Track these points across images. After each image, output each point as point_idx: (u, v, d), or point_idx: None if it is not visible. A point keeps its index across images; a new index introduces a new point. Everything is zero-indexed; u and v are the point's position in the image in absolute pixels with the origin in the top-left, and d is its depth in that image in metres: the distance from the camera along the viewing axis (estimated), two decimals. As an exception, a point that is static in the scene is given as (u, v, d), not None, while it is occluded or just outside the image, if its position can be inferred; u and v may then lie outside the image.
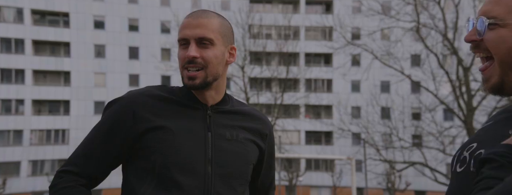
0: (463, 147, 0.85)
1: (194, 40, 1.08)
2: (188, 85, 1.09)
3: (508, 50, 0.76)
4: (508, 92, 0.80)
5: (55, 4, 27.41)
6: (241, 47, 19.11)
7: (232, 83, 20.45)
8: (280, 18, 22.41)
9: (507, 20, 0.76)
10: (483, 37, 0.78)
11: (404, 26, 14.74)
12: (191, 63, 1.08)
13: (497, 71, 0.78)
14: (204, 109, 1.12)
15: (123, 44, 27.90)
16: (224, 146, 1.09)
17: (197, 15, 1.10)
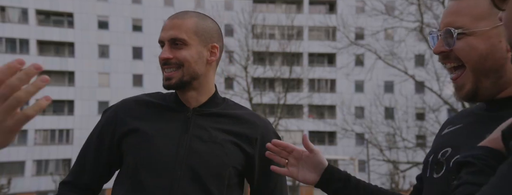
0: (435, 151, 0.86)
1: (167, 41, 1.09)
2: (165, 86, 1.10)
3: (479, 57, 0.79)
4: (481, 98, 0.82)
5: (59, 5, 27.54)
6: (244, 47, 19.11)
7: (235, 83, 20.46)
8: (283, 18, 22.40)
9: (473, 29, 0.79)
10: (453, 48, 0.81)
11: (407, 26, 14.69)
12: (166, 64, 1.09)
13: (470, 79, 0.81)
14: (185, 111, 1.12)
15: (126, 44, 27.99)
16: (199, 147, 1.09)
17: (173, 17, 1.12)
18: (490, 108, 0.84)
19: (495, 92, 0.82)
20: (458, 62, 0.82)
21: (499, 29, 0.80)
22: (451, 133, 0.87)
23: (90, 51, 27.70)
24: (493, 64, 0.80)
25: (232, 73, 19.73)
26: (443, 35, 0.82)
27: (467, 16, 0.80)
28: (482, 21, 0.80)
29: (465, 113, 0.90)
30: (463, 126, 0.86)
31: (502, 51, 0.79)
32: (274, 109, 20.33)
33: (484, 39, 0.80)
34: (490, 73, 0.80)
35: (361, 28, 26.84)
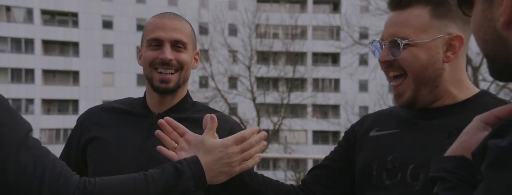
0: (379, 156, 0.87)
1: (169, 42, 1.06)
2: (160, 89, 1.07)
3: (421, 67, 0.84)
4: (419, 106, 0.87)
5: (64, 4, 27.68)
6: (247, 47, 19.12)
7: (239, 83, 20.47)
8: (287, 17, 22.38)
9: (416, 40, 0.84)
10: (398, 57, 0.85)
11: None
12: (166, 65, 1.06)
13: (410, 87, 0.85)
14: (149, 116, 1.10)
15: (131, 44, 28.08)
16: (161, 155, 1.02)
17: (171, 18, 1.09)
18: (425, 115, 0.87)
19: (430, 101, 0.87)
20: (400, 71, 0.86)
21: (437, 41, 0.84)
22: (389, 138, 0.89)
23: (94, 51, 27.82)
24: (432, 74, 0.84)
25: (236, 73, 19.74)
26: (388, 45, 0.86)
27: (410, 27, 0.84)
28: (424, 33, 0.84)
29: (393, 116, 0.93)
30: (402, 132, 0.88)
31: (439, 62, 0.85)
32: (278, 109, 20.32)
33: (425, 50, 0.84)
34: (429, 82, 0.85)
35: (365, 27, 26.75)
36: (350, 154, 0.96)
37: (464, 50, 0.87)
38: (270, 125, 18.68)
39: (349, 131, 1.00)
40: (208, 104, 21.42)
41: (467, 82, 0.89)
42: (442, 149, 0.82)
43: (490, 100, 0.87)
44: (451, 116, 0.86)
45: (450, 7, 0.84)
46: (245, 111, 20.52)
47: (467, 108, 0.86)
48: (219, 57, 20.25)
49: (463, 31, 0.86)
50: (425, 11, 0.84)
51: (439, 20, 0.84)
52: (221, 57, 20.56)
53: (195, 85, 22.55)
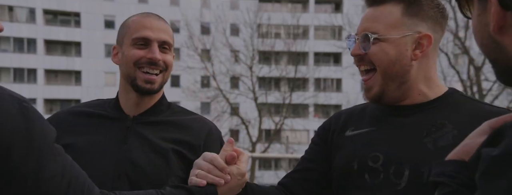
0: (359, 156, 0.88)
1: (157, 42, 1.04)
2: (144, 89, 1.04)
3: (389, 62, 0.86)
4: (386, 100, 0.90)
5: (66, 4, 27.74)
6: (249, 46, 19.10)
7: (241, 83, 20.46)
8: (288, 17, 22.36)
9: (386, 35, 0.86)
10: (368, 51, 0.87)
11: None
12: (153, 65, 1.04)
13: (379, 82, 0.88)
14: (124, 120, 1.06)
15: (133, 44, 28.13)
16: (140, 159, 1.02)
17: (156, 18, 1.08)
18: (397, 113, 0.89)
19: (399, 97, 0.89)
20: (371, 66, 0.88)
21: (407, 38, 0.86)
22: (366, 137, 0.90)
23: (96, 50, 27.87)
24: (399, 69, 0.87)
25: (237, 72, 19.73)
26: (360, 39, 0.88)
27: (382, 23, 0.87)
28: (394, 30, 0.86)
29: (366, 114, 0.94)
30: (378, 131, 0.89)
31: (407, 59, 0.87)
32: (280, 108, 20.31)
33: (395, 46, 0.86)
34: (396, 77, 0.87)
35: (367, 27, 26.65)
36: (327, 153, 0.96)
37: (434, 49, 0.89)
38: (272, 124, 18.67)
39: (322, 129, 1.00)
40: (210, 104, 21.58)
41: (437, 81, 0.91)
42: (422, 147, 0.85)
43: (459, 98, 0.90)
44: (423, 114, 0.87)
45: (422, 7, 0.87)
46: (246, 111, 20.51)
47: (438, 105, 0.88)
48: (221, 57, 20.24)
49: (433, 31, 0.88)
50: (397, 8, 0.87)
51: (410, 18, 0.87)
52: (223, 57, 20.55)
53: (197, 85, 22.56)
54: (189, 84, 22.29)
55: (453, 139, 0.84)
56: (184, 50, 23.45)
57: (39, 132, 0.64)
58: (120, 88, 1.11)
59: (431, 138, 0.84)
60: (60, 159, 0.66)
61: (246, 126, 17.98)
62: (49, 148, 0.65)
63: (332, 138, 0.96)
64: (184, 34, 22.32)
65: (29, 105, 0.64)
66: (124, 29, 1.08)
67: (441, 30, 0.90)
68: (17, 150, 0.61)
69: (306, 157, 0.99)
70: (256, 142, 17.48)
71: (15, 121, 0.61)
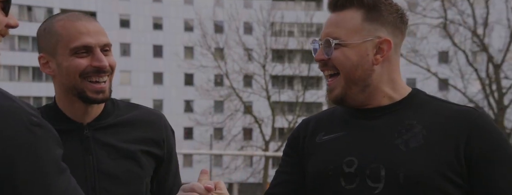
0: (334, 161, 0.88)
1: (99, 47, 0.97)
2: (97, 100, 0.96)
3: (351, 67, 0.88)
4: (349, 102, 0.91)
5: (82, 4, 28.19)
6: (262, 45, 19.08)
7: (254, 81, 20.46)
8: (302, 15, 22.23)
9: (347, 41, 0.88)
10: (330, 56, 0.89)
11: (431, 22, 14.33)
12: (102, 72, 0.97)
13: (341, 84, 0.89)
14: (79, 129, 0.98)
15: (147, 42, 28.41)
16: (110, 168, 0.97)
17: (87, 19, 0.98)
18: (366, 115, 0.91)
19: (363, 100, 0.90)
20: (334, 70, 0.90)
21: (367, 43, 0.88)
22: (338, 141, 0.91)
23: (112, 49, 28.23)
24: (361, 74, 0.89)
25: (251, 71, 19.73)
26: (323, 44, 0.90)
27: (343, 28, 0.89)
28: (355, 35, 0.88)
29: (335, 119, 0.95)
30: (349, 135, 0.90)
31: (369, 64, 0.89)
32: (293, 107, 20.24)
33: (356, 51, 0.88)
34: (359, 81, 0.89)
35: (382, 25, 26.25)
36: (301, 162, 0.95)
37: (395, 53, 0.91)
38: (285, 123, 18.63)
39: (292, 138, 0.98)
40: (223, 102, 21.62)
41: (401, 82, 0.93)
42: (394, 148, 0.87)
43: (424, 98, 0.92)
44: (392, 115, 0.89)
45: (382, 13, 0.89)
46: (260, 110, 20.51)
47: (404, 106, 0.90)
48: (234, 55, 20.27)
49: (393, 36, 0.90)
50: (358, 14, 0.89)
51: (370, 23, 0.89)
52: (236, 55, 20.57)
53: (210, 83, 22.65)
54: (202, 83, 22.39)
55: (423, 139, 0.85)
56: (197, 49, 23.57)
57: (45, 150, 0.60)
58: (59, 99, 1.01)
59: (402, 139, 0.86)
60: (65, 180, 0.62)
61: (259, 125, 17.98)
62: (54, 167, 0.61)
63: (303, 145, 0.95)
64: (197, 33, 22.44)
65: (39, 120, 0.61)
66: (52, 36, 0.97)
67: (400, 34, 0.92)
68: (21, 168, 0.58)
69: (281, 170, 0.97)
70: (269, 141, 17.46)
71: (21, 137, 0.58)
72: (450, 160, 0.82)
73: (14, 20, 0.65)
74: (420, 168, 0.82)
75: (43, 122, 0.62)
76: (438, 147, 0.83)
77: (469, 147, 0.82)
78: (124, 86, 28.12)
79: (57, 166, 0.62)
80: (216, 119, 20.04)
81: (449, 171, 0.82)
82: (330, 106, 0.99)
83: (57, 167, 0.62)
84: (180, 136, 27.51)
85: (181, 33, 28.42)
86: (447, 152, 0.83)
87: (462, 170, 0.82)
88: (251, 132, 24.15)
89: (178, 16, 28.51)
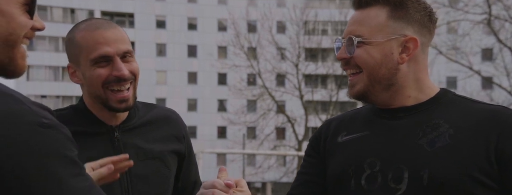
0: (354, 162, 0.86)
1: (118, 56, 0.97)
2: (120, 109, 0.98)
3: (375, 65, 0.86)
4: (371, 99, 0.89)
5: (121, 6, 29.24)
6: (295, 44, 18.94)
7: (286, 80, 20.37)
8: (336, 13, 21.87)
9: (371, 39, 0.86)
10: (353, 55, 0.86)
11: (473, 18, 13.67)
12: (122, 81, 0.97)
13: (364, 81, 0.87)
14: (109, 132, 1.00)
15: (182, 42, 29.03)
16: (140, 169, 0.99)
17: (105, 27, 0.98)
18: (390, 116, 0.88)
19: (386, 98, 0.88)
20: (357, 69, 0.88)
21: (392, 42, 0.86)
22: (360, 141, 0.88)
23: (148, 50, 29.11)
24: (386, 72, 0.86)
25: (283, 70, 19.66)
26: (346, 42, 0.88)
27: (367, 26, 0.86)
28: (379, 33, 0.86)
29: (358, 119, 0.92)
30: (372, 134, 0.88)
31: (393, 63, 0.86)
32: (326, 106, 19.96)
33: (379, 49, 0.86)
34: (382, 80, 0.86)
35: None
36: (322, 163, 0.93)
37: (422, 52, 0.88)
38: (319, 122, 18.41)
39: (313, 139, 0.97)
40: (256, 101, 21.69)
41: (428, 82, 0.90)
42: (418, 148, 0.83)
43: (452, 97, 0.88)
44: (417, 115, 0.86)
45: (408, 10, 0.86)
46: (292, 109, 20.40)
47: (431, 106, 0.87)
48: (266, 55, 20.26)
49: (420, 35, 0.87)
50: (383, 11, 0.86)
51: (396, 21, 0.86)
52: (269, 55, 20.55)
53: (243, 83, 22.79)
54: (235, 82, 22.58)
55: (450, 138, 0.81)
56: (230, 49, 23.78)
57: (56, 151, 0.59)
58: (88, 104, 1.02)
59: (427, 139, 0.83)
60: (80, 180, 0.61)
61: (292, 124, 17.88)
62: (66, 167, 0.60)
63: (325, 146, 0.93)
64: (231, 33, 22.63)
65: (50, 121, 0.60)
66: (75, 48, 0.99)
67: (428, 33, 0.89)
68: (32, 170, 0.57)
69: (302, 171, 0.96)
70: (302, 140, 17.33)
71: (30, 140, 0.57)
72: (479, 161, 0.78)
73: (40, 23, 0.66)
74: (446, 168, 0.79)
75: (55, 123, 0.60)
76: (466, 147, 0.79)
77: (500, 147, 0.78)
78: (160, 86, 28.91)
79: (71, 166, 0.60)
80: (249, 118, 20.14)
81: (478, 172, 0.78)
82: (368, 104, 0.95)
83: (71, 167, 0.60)
84: (214, 135, 27.90)
85: (214, 33, 28.81)
86: (476, 153, 0.79)
87: (492, 171, 0.78)
88: (284, 131, 24.07)
89: (212, 16, 28.91)
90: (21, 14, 0.63)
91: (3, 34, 0.62)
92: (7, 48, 0.63)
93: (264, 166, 19.16)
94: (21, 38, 0.64)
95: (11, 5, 0.62)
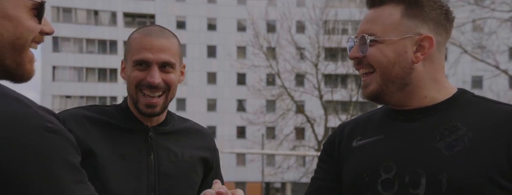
0: (370, 167, 0.83)
1: (157, 64, 1.01)
2: (146, 113, 1.02)
3: (388, 64, 0.84)
4: (385, 101, 0.87)
5: (142, 7, 29.75)
6: (314, 44, 18.82)
7: (305, 80, 20.25)
8: (356, 13, 21.59)
9: (384, 37, 0.84)
10: (365, 54, 0.85)
11: (500, 16, 13.23)
12: (153, 88, 1.01)
13: (377, 81, 0.85)
14: (145, 131, 1.04)
15: (202, 43, 29.29)
16: (169, 169, 1.03)
17: (158, 35, 1.04)
18: (405, 118, 0.85)
19: (401, 99, 0.85)
20: (370, 69, 0.86)
21: (406, 40, 0.83)
22: (375, 146, 0.86)
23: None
24: (399, 71, 0.84)
25: (302, 70, 19.55)
26: (358, 41, 0.86)
27: (380, 25, 0.85)
28: (393, 31, 0.84)
29: (372, 122, 0.90)
30: (387, 138, 0.85)
31: (407, 61, 0.84)
32: (347, 106, 19.74)
33: (393, 48, 0.84)
34: (396, 80, 0.84)
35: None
36: (337, 168, 0.91)
37: (438, 52, 0.86)
38: (338, 123, 18.20)
39: (327, 144, 0.95)
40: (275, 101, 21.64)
41: (445, 83, 0.87)
42: (436, 152, 0.80)
43: (470, 98, 0.85)
44: (434, 117, 0.83)
45: (423, 8, 0.84)
46: (312, 109, 20.27)
47: (448, 107, 0.84)
48: (285, 55, 20.20)
49: (436, 33, 0.85)
50: (397, 9, 0.85)
51: (410, 19, 0.84)
52: (288, 54, 20.48)
53: (262, 83, 22.80)
54: (254, 82, 22.61)
55: (469, 141, 0.79)
56: (249, 49, 23.82)
57: (59, 156, 0.58)
58: (129, 102, 1.07)
59: (445, 142, 0.81)
60: (81, 188, 0.60)
61: (311, 124, 17.77)
62: (68, 173, 0.59)
63: (339, 151, 0.91)
64: (250, 33, 22.67)
65: (55, 126, 0.59)
66: (128, 47, 1.07)
67: (445, 32, 0.86)
68: (34, 173, 0.56)
69: (316, 176, 0.94)
70: (322, 141, 17.19)
71: (34, 143, 0.57)
72: (500, 164, 0.76)
73: (49, 27, 0.66)
74: (465, 172, 0.77)
75: (59, 128, 0.60)
76: (486, 150, 0.77)
77: None
78: (180, 86, 28.15)
79: (74, 173, 0.60)
80: (268, 118, 20.13)
81: (499, 176, 0.76)
82: (383, 106, 0.93)
83: (73, 173, 0.60)
84: (233, 135, 28.02)
85: (234, 33, 28.94)
86: (496, 155, 0.76)
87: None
88: (303, 131, 23.93)
89: (232, 16, 29.05)
90: (29, 19, 0.63)
91: (11, 38, 0.62)
92: (15, 53, 0.62)
93: (283, 166, 19.12)
94: (29, 42, 0.63)
95: (18, 10, 0.62)
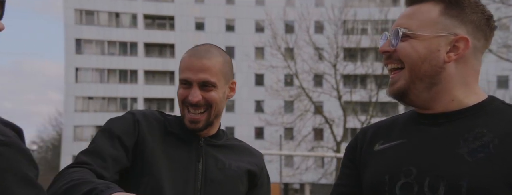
0: (391, 171, 0.82)
1: (197, 84, 1.07)
2: (190, 128, 1.09)
3: (417, 60, 0.82)
4: (411, 98, 0.84)
5: (162, 9, 30.18)
6: (333, 44, 18.66)
7: (324, 81, 20.11)
8: (376, 12, 21.29)
9: (418, 32, 0.82)
10: (396, 48, 0.83)
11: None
12: (194, 106, 1.07)
13: (405, 77, 0.83)
14: (196, 140, 1.12)
15: (220, 44, 29.11)
16: (215, 176, 1.09)
17: (200, 55, 1.09)
18: (430, 122, 0.83)
19: (427, 99, 0.83)
20: (398, 64, 0.84)
21: (441, 39, 0.81)
22: (397, 150, 0.84)
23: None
24: (428, 69, 0.81)
25: (321, 70, 19.41)
26: (391, 35, 0.85)
27: (416, 20, 0.83)
28: (428, 28, 0.82)
29: (395, 126, 0.88)
30: (409, 142, 0.84)
31: (439, 60, 0.81)
32: (366, 107, 19.48)
33: (426, 44, 0.82)
34: (424, 77, 0.82)
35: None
36: (359, 174, 0.90)
37: (473, 56, 0.83)
38: (358, 123, 18.01)
39: (349, 149, 0.94)
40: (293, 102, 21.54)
41: (476, 89, 0.84)
42: (458, 157, 0.79)
43: (500, 105, 0.83)
44: (459, 122, 0.81)
45: (464, 10, 0.82)
46: (330, 110, 20.09)
47: (475, 113, 0.81)
48: (304, 55, 20.11)
49: (473, 37, 0.82)
50: (436, 7, 0.83)
51: (448, 18, 0.82)
52: (306, 55, 20.38)
53: (280, 84, 22.76)
54: (272, 83, 22.59)
55: (494, 149, 0.76)
56: (267, 50, 23.81)
57: (11, 168, 0.57)
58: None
59: (468, 148, 0.79)
60: None
61: (330, 125, 17.62)
62: (21, 185, 0.58)
63: (360, 155, 0.90)
64: (268, 34, 22.67)
65: (7, 139, 0.59)
66: (180, 65, 1.13)
67: (483, 38, 0.83)
68: None
69: (338, 183, 0.93)
70: (340, 142, 17.03)
71: None
72: None
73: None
74: (488, 179, 0.75)
75: (13, 141, 0.60)
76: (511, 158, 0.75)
77: None
78: None
79: (27, 187, 0.59)
80: (286, 119, 20.08)
81: None
82: (406, 107, 0.91)
83: (26, 187, 0.59)
84: (251, 136, 28.06)
85: (252, 34, 28.99)
86: None
87: None
88: (321, 132, 23.75)
89: (250, 17, 29.12)
90: None
91: None
92: None
93: (301, 167, 19.02)
94: None
95: None
